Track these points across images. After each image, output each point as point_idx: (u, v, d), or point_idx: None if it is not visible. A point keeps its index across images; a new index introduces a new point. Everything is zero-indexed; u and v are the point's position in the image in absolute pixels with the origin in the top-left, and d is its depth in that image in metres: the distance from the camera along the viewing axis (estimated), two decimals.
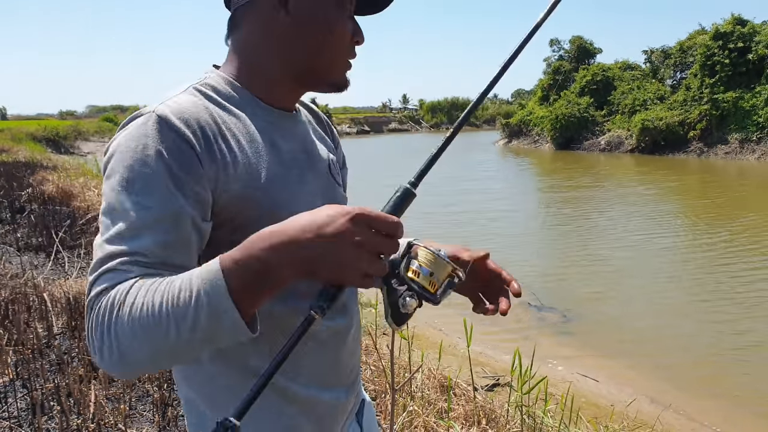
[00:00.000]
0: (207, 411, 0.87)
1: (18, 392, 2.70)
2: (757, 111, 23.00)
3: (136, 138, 0.74)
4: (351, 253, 0.65)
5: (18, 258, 5.27)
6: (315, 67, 0.88)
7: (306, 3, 0.84)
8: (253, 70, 0.87)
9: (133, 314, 0.65)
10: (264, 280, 0.65)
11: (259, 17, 0.85)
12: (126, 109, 55.73)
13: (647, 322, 5.82)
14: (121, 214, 0.71)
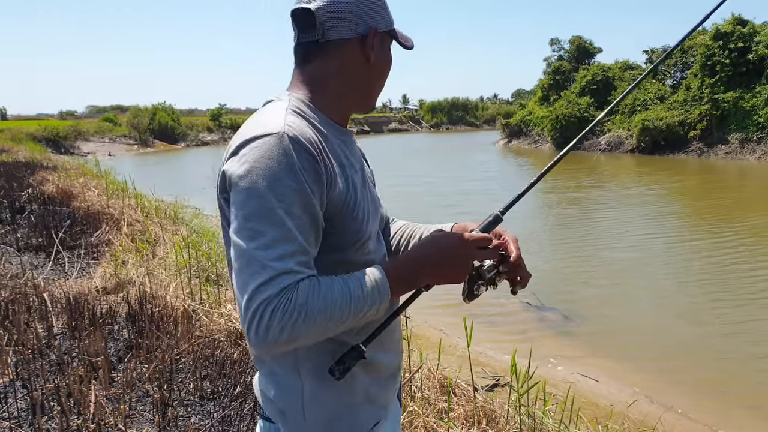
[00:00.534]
0: (296, 377, 1.04)
1: (18, 392, 2.69)
2: (757, 111, 23.00)
3: (276, 157, 0.91)
4: (467, 266, 1.04)
5: (18, 258, 5.27)
6: (372, 94, 1.14)
7: (381, 47, 1.09)
8: (331, 98, 1.07)
9: (319, 304, 0.88)
10: (408, 289, 1.02)
11: (346, 59, 1.06)
12: (126, 109, 55.59)
13: (648, 322, 5.82)
14: (276, 223, 0.89)
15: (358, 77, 1.08)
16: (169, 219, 7.74)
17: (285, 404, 1.05)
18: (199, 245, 5.49)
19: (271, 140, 0.92)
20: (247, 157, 0.92)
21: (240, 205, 0.91)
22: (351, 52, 1.06)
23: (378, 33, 1.07)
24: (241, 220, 0.90)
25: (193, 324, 3.66)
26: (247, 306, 0.87)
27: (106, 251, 5.53)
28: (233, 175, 0.92)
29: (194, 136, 48.64)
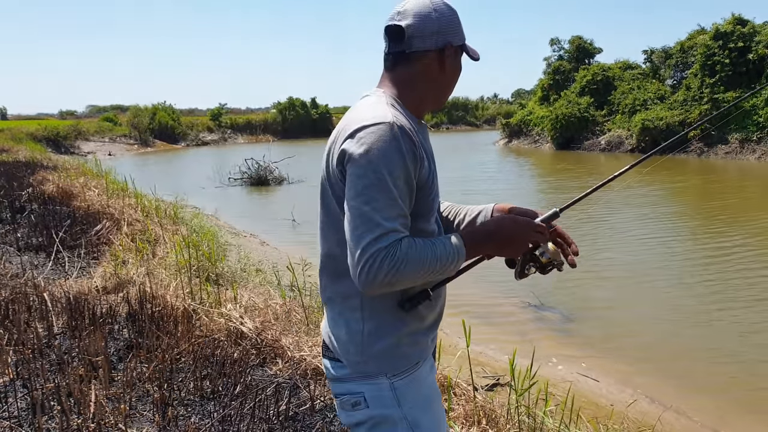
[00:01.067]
0: (359, 319, 1.31)
1: (18, 392, 2.69)
2: (757, 111, 23.00)
3: (388, 140, 1.18)
4: (525, 247, 1.35)
5: (18, 258, 5.27)
6: (443, 99, 1.40)
7: (453, 59, 1.35)
8: (413, 97, 1.34)
9: (416, 257, 1.17)
10: (477, 254, 1.31)
11: (426, 67, 1.33)
12: (126, 109, 55.53)
13: (648, 322, 5.82)
14: (387, 192, 1.16)
15: (434, 82, 1.35)
16: (170, 219, 7.75)
17: (350, 341, 1.31)
18: (200, 245, 5.49)
19: (384, 127, 1.19)
20: (365, 139, 1.18)
21: (359, 176, 1.17)
22: (430, 62, 1.32)
23: (452, 47, 1.33)
24: (360, 188, 1.16)
25: (193, 323, 3.66)
26: (362, 253, 1.14)
27: (107, 251, 5.53)
28: (354, 153, 1.18)
29: (194, 135, 48.60)
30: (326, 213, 1.31)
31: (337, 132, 1.28)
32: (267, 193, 17.01)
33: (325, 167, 1.29)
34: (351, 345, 1.31)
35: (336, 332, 1.34)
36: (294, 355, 3.28)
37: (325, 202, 1.31)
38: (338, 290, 1.33)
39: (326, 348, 1.38)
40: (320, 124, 57.54)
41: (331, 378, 1.37)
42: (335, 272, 1.32)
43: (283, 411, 2.73)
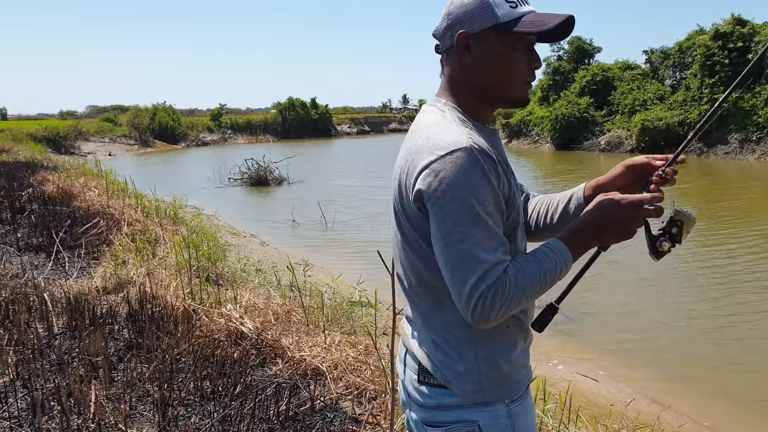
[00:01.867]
0: (470, 343, 1.21)
1: (18, 392, 2.70)
2: (757, 111, 23.00)
3: (471, 168, 1.08)
4: (629, 226, 1.18)
5: (18, 258, 5.28)
6: (496, 91, 1.23)
7: (481, 45, 1.19)
8: (463, 97, 1.23)
9: (525, 282, 1.09)
10: (584, 251, 1.19)
11: (456, 59, 1.22)
12: (126, 109, 55.54)
13: (647, 322, 5.82)
14: (481, 224, 1.08)
15: (469, 72, 1.22)
16: (170, 219, 7.75)
17: (464, 370, 1.21)
18: (200, 245, 5.50)
19: (462, 154, 1.09)
20: (445, 173, 1.08)
21: (447, 214, 1.08)
22: (454, 60, 1.23)
23: (470, 35, 1.19)
24: (451, 227, 1.08)
25: (193, 324, 3.67)
26: (470, 296, 1.07)
27: (107, 251, 5.54)
28: (435, 191, 1.09)
29: (194, 136, 48.60)
30: (407, 242, 1.22)
31: (407, 158, 1.17)
32: (267, 194, 17.01)
33: (398, 197, 1.20)
34: (465, 374, 1.21)
35: (441, 358, 1.22)
36: (294, 356, 3.28)
37: (403, 231, 1.22)
38: (441, 318, 1.22)
39: (424, 373, 1.25)
40: (320, 124, 57.59)
41: (433, 406, 1.24)
42: (434, 300, 1.22)
43: (283, 411, 2.73)
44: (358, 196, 15.64)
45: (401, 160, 1.20)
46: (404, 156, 1.20)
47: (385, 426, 2.61)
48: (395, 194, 1.22)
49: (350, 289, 6.11)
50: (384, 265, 1.81)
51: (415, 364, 1.28)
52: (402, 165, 1.19)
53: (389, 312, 2.73)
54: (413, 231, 1.18)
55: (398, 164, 1.22)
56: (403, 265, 1.26)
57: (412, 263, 1.22)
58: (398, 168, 1.21)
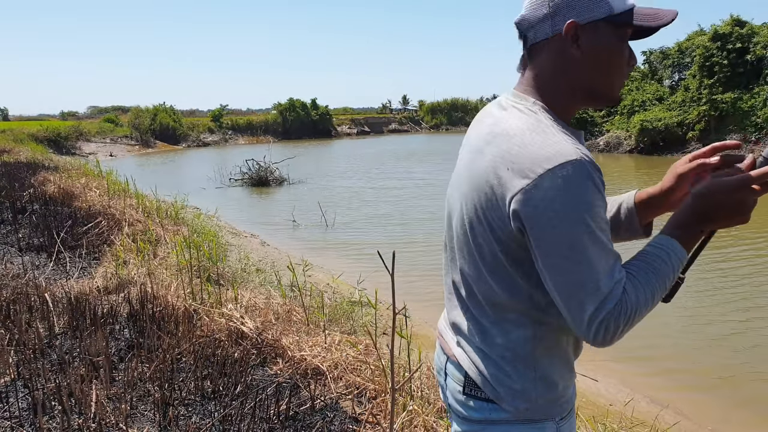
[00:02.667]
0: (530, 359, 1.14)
1: (19, 392, 2.71)
2: (755, 112, 23.01)
3: (583, 183, 0.97)
4: (750, 209, 1.08)
5: (19, 258, 5.29)
6: (599, 89, 1.11)
7: (592, 38, 1.06)
8: (555, 96, 1.10)
9: (644, 296, 1.02)
10: (694, 242, 1.10)
11: (555, 51, 1.08)
12: (127, 110, 55.58)
13: (648, 323, 5.82)
14: (597, 243, 0.98)
15: (574, 67, 1.09)
16: (171, 219, 7.76)
17: (519, 388, 1.14)
18: (201, 245, 5.51)
19: (573, 168, 0.97)
20: (554, 191, 0.97)
21: (559, 237, 0.98)
22: (554, 50, 1.09)
23: (579, 25, 1.06)
24: (565, 251, 0.98)
25: (194, 323, 3.68)
26: (590, 323, 1.00)
27: (108, 251, 5.55)
28: (545, 210, 0.97)
29: (195, 136, 48.63)
30: (481, 255, 1.11)
31: (497, 166, 1.04)
32: (267, 194, 17.02)
33: (480, 206, 1.08)
34: (521, 392, 1.15)
35: (494, 373, 1.16)
36: (294, 355, 3.29)
37: (479, 242, 1.11)
38: (503, 335, 1.15)
39: (471, 386, 1.19)
40: (320, 125, 57.62)
41: (478, 420, 1.19)
42: (499, 316, 1.14)
43: (283, 411, 2.74)
44: (358, 196, 15.64)
45: (487, 166, 1.06)
46: (492, 163, 1.05)
47: (385, 425, 2.62)
48: (473, 201, 1.10)
49: (350, 288, 6.12)
50: (384, 265, 1.82)
51: (460, 375, 1.21)
52: (489, 173, 1.05)
53: (389, 312, 2.74)
54: (496, 246, 1.08)
55: (481, 169, 1.08)
56: (466, 274, 1.17)
57: (482, 277, 1.13)
58: (481, 174, 1.07)
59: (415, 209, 13.02)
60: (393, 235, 10.43)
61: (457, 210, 1.17)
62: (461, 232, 1.15)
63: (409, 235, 10.20)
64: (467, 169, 1.14)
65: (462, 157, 1.20)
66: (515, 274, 1.08)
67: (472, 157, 1.13)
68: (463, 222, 1.14)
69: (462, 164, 1.18)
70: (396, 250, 1.95)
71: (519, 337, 1.13)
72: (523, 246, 1.04)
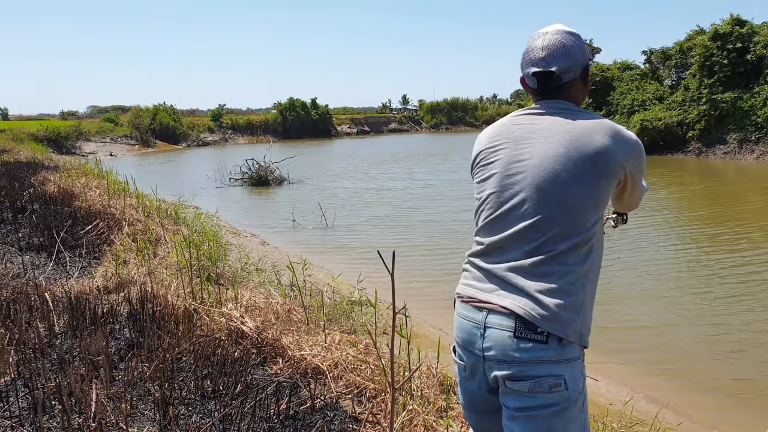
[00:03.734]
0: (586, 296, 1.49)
1: (19, 391, 2.71)
2: (755, 111, 23.01)
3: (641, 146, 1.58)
4: None
5: (19, 258, 5.29)
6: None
7: (587, 79, 1.67)
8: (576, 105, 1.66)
9: None
10: None
11: (579, 86, 1.65)
12: (127, 110, 55.53)
13: (647, 322, 5.83)
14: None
15: (583, 93, 1.68)
16: (171, 219, 7.76)
17: (574, 316, 1.43)
18: (201, 245, 5.51)
19: (635, 136, 1.57)
20: (632, 139, 1.55)
21: (641, 162, 1.58)
22: (577, 83, 1.64)
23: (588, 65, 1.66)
24: (642, 169, 1.60)
25: (194, 323, 3.68)
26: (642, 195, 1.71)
27: (108, 251, 5.55)
28: (634, 148, 1.54)
29: (195, 136, 48.63)
30: (587, 187, 1.47)
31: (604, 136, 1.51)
32: (267, 194, 17.03)
33: (588, 164, 1.47)
34: (576, 318, 1.43)
35: (558, 303, 1.40)
36: (294, 355, 3.29)
37: (572, 192, 1.47)
38: (579, 267, 1.46)
39: (524, 328, 1.41)
40: (320, 124, 57.61)
41: (527, 360, 1.40)
42: (574, 253, 1.46)
43: (283, 410, 2.74)
44: (358, 196, 15.64)
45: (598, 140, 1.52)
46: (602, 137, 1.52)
47: (385, 425, 2.63)
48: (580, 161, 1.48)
49: (350, 288, 6.12)
50: (384, 265, 1.82)
51: (509, 322, 1.43)
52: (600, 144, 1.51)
53: (389, 311, 2.74)
54: (606, 179, 1.50)
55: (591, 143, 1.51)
56: (548, 220, 1.47)
57: (567, 218, 1.47)
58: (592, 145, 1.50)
59: (416, 210, 13.02)
60: (393, 234, 10.43)
61: (543, 171, 1.50)
62: (550, 187, 1.48)
63: (409, 235, 10.20)
64: (562, 146, 1.50)
65: (538, 139, 1.56)
66: (596, 209, 1.49)
67: (570, 137, 1.51)
68: (556, 177, 1.47)
69: (546, 146, 1.53)
70: (396, 250, 1.95)
71: (586, 266, 1.46)
72: (613, 185, 1.53)
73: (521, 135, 1.58)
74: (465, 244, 8.25)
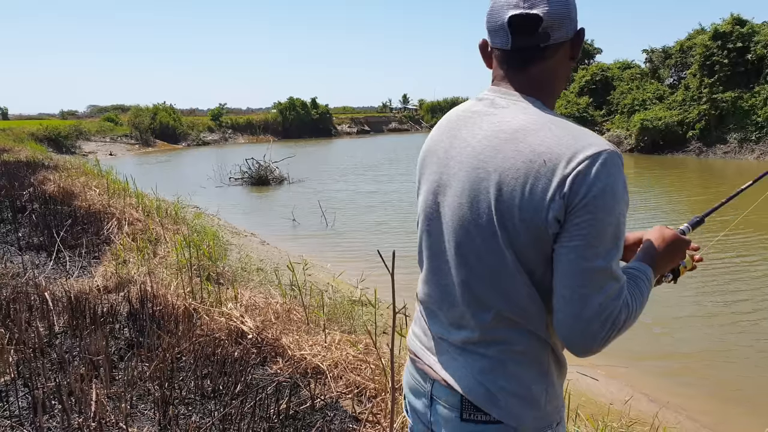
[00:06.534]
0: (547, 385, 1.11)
1: (19, 391, 2.71)
2: (756, 111, 23.01)
3: (621, 173, 0.96)
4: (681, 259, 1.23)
5: (19, 257, 5.28)
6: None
7: (576, 55, 1.10)
8: (551, 94, 1.10)
9: (637, 305, 1.03)
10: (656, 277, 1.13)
11: (561, 58, 1.08)
12: (127, 109, 55.54)
13: (646, 322, 5.83)
14: (621, 238, 0.98)
15: (565, 73, 1.13)
16: (170, 218, 7.76)
17: (530, 404, 1.09)
18: (200, 244, 5.51)
19: (610, 157, 0.95)
20: (602, 174, 0.94)
21: (600, 221, 0.94)
22: (564, 53, 1.09)
23: (582, 32, 1.11)
24: (601, 235, 0.95)
25: (194, 323, 3.68)
26: (598, 314, 0.96)
27: (107, 250, 5.55)
28: (592, 193, 0.93)
29: (195, 135, 48.63)
30: (500, 259, 1.03)
31: (526, 160, 0.98)
32: (267, 193, 17.02)
33: (509, 200, 0.99)
34: (531, 399, 1.09)
35: (505, 385, 1.08)
36: (294, 354, 3.29)
37: (495, 247, 1.03)
38: (521, 348, 1.08)
39: (472, 409, 1.10)
40: (320, 124, 57.63)
41: None
42: (521, 328, 1.07)
43: (283, 410, 2.74)
44: (358, 196, 15.64)
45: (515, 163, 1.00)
46: (514, 156, 1.00)
47: (385, 425, 2.62)
48: (493, 200, 1.02)
49: (350, 288, 6.12)
50: (384, 265, 1.82)
51: (454, 400, 1.11)
52: (519, 166, 0.99)
53: (389, 311, 2.74)
54: (524, 245, 1.02)
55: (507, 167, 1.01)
56: (479, 278, 1.07)
57: (498, 289, 1.06)
58: (511, 173, 1.00)
59: (416, 210, 13.00)
60: (393, 234, 10.43)
61: (462, 212, 1.07)
62: (475, 233, 1.05)
63: (409, 235, 10.19)
64: (481, 169, 1.04)
65: (456, 160, 1.10)
66: (538, 272, 1.03)
67: (488, 156, 1.04)
68: (477, 222, 1.04)
69: (463, 167, 1.08)
70: (396, 249, 1.95)
71: (537, 348, 1.09)
72: (549, 240, 0.99)
73: (451, 146, 1.14)
74: None
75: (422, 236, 1.19)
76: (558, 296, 0.99)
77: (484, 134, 1.06)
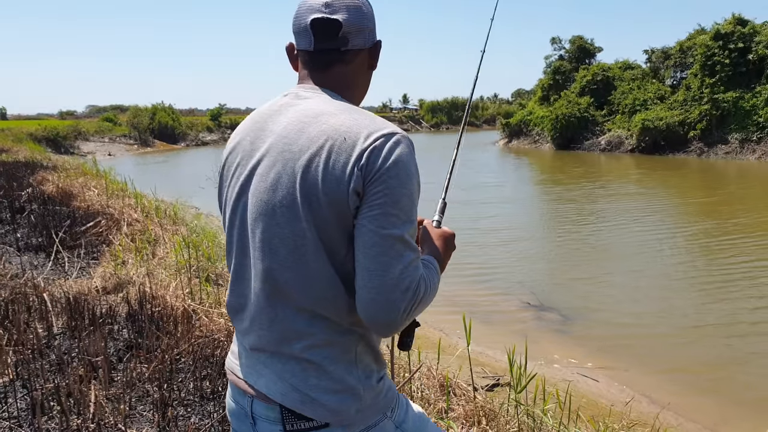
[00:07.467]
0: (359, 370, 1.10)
1: (18, 392, 2.70)
2: (757, 111, 23.02)
3: (412, 154, 1.08)
4: None
5: (18, 258, 5.27)
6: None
7: (374, 65, 1.23)
8: (351, 99, 1.18)
9: (433, 282, 1.09)
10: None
11: (360, 64, 1.19)
12: (126, 109, 55.60)
13: (647, 323, 5.82)
14: (415, 211, 1.07)
15: (365, 81, 1.24)
16: (169, 219, 7.74)
17: (346, 397, 1.07)
18: (199, 245, 5.49)
19: (404, 138, 1.07)
20: (393, 151, 1.03)
21: (394, 194, 1.02)
22: (363, 60, 1.19)
23: (380, 43, 1.24)
24: (394, 207, 1.02)
25: (192, 324, 3.66)
26: (399, 283, 1.00)
27: (106, 251, 5.53)
28: (385, 166, 1.02)
29: (194, 135, 48.62)
30: (302, 240, 1.05)
31: (328, 138, 1.04)
32: None
33: (313, 176, 1.03)
34: (348, 391, 1.07)
35: (318, 382, 1.07)
36: None
37: (298, 226, 1.04)
38: (325, 340, 1.08)
39: (293, 417, 1.07)
40: None
41: None
42: (324, 319, 1.07)
43: None
44: None
45: (305, 144, 1.06)
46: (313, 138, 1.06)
47: None
48: (292, 183, 1.05)
49: None
50: None
51: (274, 413, 1.09)
52: (311, 147, 1.05)
53: None
54: (328, 223, 1.04)
55: (301, 149, 1.06)
56: (281, 271, 1.07)
57: (304, 274, 1.06)
58: (306, 153, 1.05)
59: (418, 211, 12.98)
60: None
61: (267, 196, 1.08)
62: (279, 214, 1.06)
63: None
64: (287, 151, 1.07)
65: (262, 149, 1.12)
66: (340, 254, 1.05)
67: (293, 138, 1.08)
68: (282, 203, 1.06)
69: (271, 153, 1.10)
70: None
71: (344, 335, 1.09)
72: (350, 215, 1.02)
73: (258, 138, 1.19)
74: (465, 244, 8.20)
75: (229, 235, 1.18)
76: (360, 270, 1.01)
77: (289, 120, 1.11)
